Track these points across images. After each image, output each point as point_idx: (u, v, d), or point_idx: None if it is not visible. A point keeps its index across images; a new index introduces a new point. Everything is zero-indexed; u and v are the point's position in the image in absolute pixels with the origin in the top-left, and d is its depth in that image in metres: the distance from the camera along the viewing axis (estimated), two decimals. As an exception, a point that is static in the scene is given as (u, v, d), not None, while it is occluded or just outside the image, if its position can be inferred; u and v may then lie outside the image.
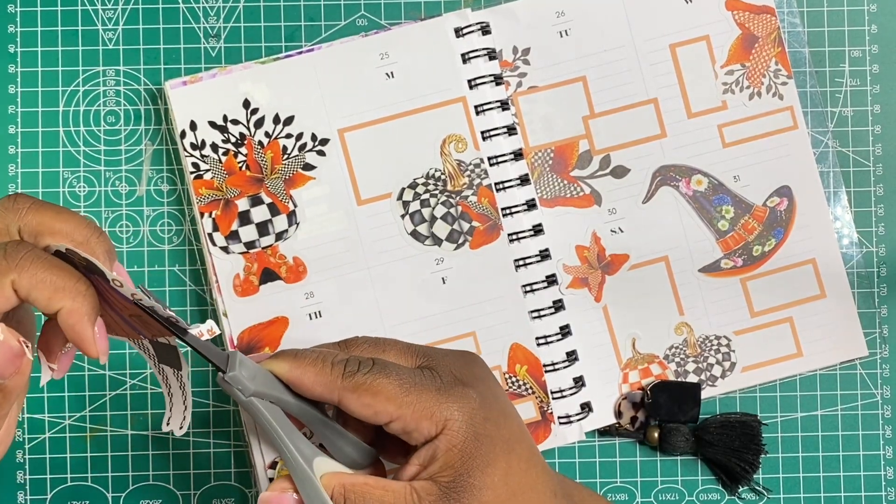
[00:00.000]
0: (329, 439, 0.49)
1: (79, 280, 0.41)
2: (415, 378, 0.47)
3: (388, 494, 0.46)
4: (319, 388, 0.47)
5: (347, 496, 0.47)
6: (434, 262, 0.61)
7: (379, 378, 0.46)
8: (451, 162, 0.61)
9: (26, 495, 0.61)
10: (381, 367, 0.47)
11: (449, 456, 0.46)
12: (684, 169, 0.62)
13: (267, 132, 0.60)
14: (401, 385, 0.46)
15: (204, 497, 0.62)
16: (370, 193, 0.61)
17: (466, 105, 0.61)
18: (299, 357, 0.48)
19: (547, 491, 0.48)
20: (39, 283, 0.40)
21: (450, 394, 0.47)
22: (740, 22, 0.62)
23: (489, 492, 0.46)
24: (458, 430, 0.46)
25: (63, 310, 0.40)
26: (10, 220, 0.42)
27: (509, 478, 0.47)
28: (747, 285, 0.62)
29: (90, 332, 0.41)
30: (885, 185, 0.63)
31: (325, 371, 0.47)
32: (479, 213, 0.61)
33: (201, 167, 0.60)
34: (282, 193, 0.60)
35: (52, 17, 0.62)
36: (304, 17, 0.63)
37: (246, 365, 0.47)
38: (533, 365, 0.61)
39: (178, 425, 0.46)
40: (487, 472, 0.46)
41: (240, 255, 0.60)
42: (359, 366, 0.47)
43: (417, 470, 0.47)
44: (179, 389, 0.46)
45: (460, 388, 0.47)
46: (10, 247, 0.40)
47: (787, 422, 0.63)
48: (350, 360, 0.47)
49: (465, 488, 0.45)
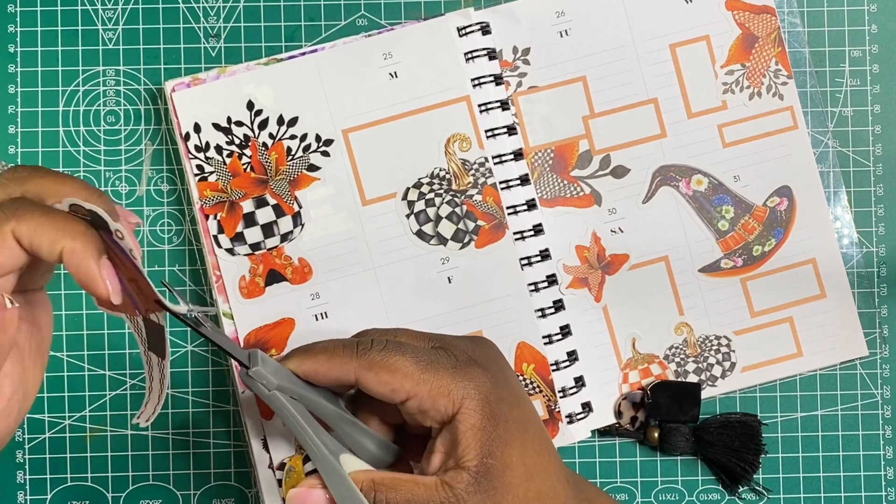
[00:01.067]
0: (351, 437, 0.49)
1: (78, 222, 0.42)
2: (430, 356, 0.47)
3: (419, 488, 0.45)
4: (335, 371, 0.47)
5: (378, 489, 0.46)
6: (440, 261, 0.61)
7: (395, 355, 0.46)
8: (456, 161, 0.61)
9: (26, 495, 0.61)
10: (396, 345, 0.47)
11: (469, 437, 0.45)
12: (684, 169, 0.62)
13: (271, 133, 0.60)
14: (417, 362, 0.46)
15: (204, 497, 0.62)
16: (375, 193, 0.61)
17: (470, 104, 0.61)
18: (309, 348, 0.48)
19: (560, 475, 0.48)
20: (39, 228, 0.41)
21: (465, 372, 0.46)
22: (740, 22, 0.62)
23: (510, 472, 0.46)
24: (475, 409, 0.46)
25: (65, 249, 0.41)
26: (13, 189, 0.43)
27: (525, 458, 0.46)
28: (747, 285, 0.62)
29: (95, 269, 0.42)
30: (885, 185, 0.63)
31: (338, 353, 0.47)
32: (485, 212, 0.61)
33: (206, 169, 0.60)
34: (286, 195, 0.60)
35: (52, 17, 0.62)
36: (304, 17, 0.63)
37: (267, 361, 0.47)
38: (540, 363, 0.61)
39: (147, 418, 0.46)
40: (506, 452, 0.46)
41: (245, 256, 0.60)
42: (372, 343, 0.47)
43: (442, 458, 0.46)
44: (160, 382, 0.46)
45: (475, 367, 0.47)
46: (8, 202, 0.42)
47: (787, 422, 0.63)
48: (363, 340, 0.48)
49: (491, 470, 0.45)
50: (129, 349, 0.61)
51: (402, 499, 0.45)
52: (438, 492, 0.45)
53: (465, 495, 0.45)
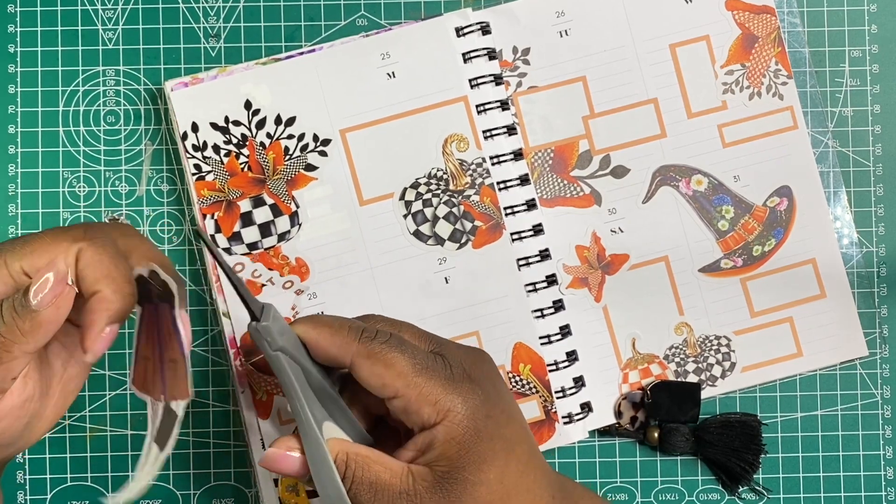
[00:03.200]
0: (333, 415, 0.49)
1: (130, 283, 0.44)
2: (427, 361, 0.47)
3: (386, 471, 0.47)
4: (335, 349, 0.47)
5: (349, 464, 0.47)
6: (437, 261, 0.61)
7: (394, 351, 0.47)
8: (454, 161, 0.61)
9: (26, 495, 0.61)
10: (398, 341, 0.48)
11: (447, 447, 0.46)
12: (684, 169, 0.62)
13: (269, 133, 0.60)
14: (413, 364, 0.47)
15: (204, 497, 0.62)
16: (372, 193, 0.61)
17: (468, 104, 0.61)
18: (317, 320, 0.49)
19: (545, 494, 0.48)
20: (97, 263, 0.43)
21: (457, 386, 0.47)
22: (740, 22, 0.62)
23: (483, 488, 0.46)
24: (459, 422, 0.46)
25: (99, 294, 0.43)
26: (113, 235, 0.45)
27: (505, 478, 0.47)
28: (747, 285, 0.62)
29: (101, 326, 0.43)
30: (885, 185, 0.63)
31: (343, 332, 0.48)
32: (482, 213, 0.61)
33: (203, 168, 0.60)
34: (284, 194, 0.60)
35: (52, 17, 0.62)
36: (304, 17, 0.63)
37: (278, 319, 0.47)
38: (537, 364, 0.61)
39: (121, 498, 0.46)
40: (483, 469, 0.46)
41: (243, 256, 0.60)
42: (376, 334, 0.48)
43: (414, 455, 0.47)
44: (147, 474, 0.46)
45: (468, 384, 0.47)
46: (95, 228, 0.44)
47: (787, 422, 0.63)
48: (368, 328, 0.48)
49: (459, 481, 0.46)
50: (129, 349, 0.61)
51: (369, 479, 0.46)
52: (402, 480, 0.46)
53: (424, 493, 0.46)
